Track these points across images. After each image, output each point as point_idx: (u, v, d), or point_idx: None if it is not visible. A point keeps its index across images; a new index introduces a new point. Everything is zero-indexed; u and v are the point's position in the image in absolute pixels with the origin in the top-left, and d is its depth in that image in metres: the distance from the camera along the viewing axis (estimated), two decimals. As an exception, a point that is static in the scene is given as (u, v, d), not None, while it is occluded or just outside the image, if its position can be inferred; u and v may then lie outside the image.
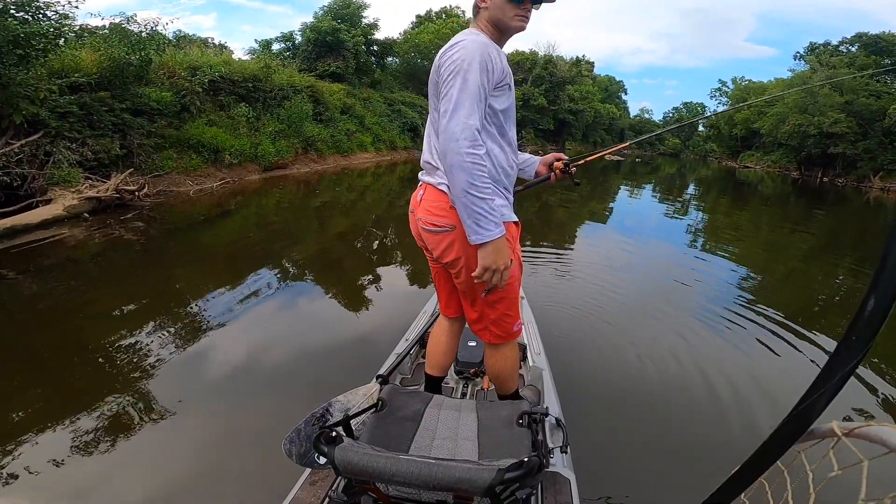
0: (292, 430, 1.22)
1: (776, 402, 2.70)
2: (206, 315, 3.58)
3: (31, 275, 4.48)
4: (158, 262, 5.20)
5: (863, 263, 6.91)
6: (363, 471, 0.95)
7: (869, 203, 18.33)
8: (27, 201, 6.32)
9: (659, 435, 2.37)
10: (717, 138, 46.71)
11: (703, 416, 2.57)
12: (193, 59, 11.77)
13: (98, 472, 1.97)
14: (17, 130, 6.57)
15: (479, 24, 1.39)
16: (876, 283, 0.60)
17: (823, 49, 31.99)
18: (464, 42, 1.26)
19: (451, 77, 1.22)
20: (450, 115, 1.20)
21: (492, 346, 1.59)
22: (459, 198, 1.22)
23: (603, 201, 12.71)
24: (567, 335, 3.40)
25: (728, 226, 10.08)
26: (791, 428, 0.69)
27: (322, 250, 6.04)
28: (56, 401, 2.48)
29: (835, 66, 27.08)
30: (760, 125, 31.14)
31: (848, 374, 0.62)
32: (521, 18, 1.37)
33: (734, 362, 3.23)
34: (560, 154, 1.77)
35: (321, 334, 3.39)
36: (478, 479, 0.89)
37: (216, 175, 10.44)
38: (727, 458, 1.93)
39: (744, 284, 5.23)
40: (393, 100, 23.79)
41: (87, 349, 3.08)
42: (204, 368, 2.84)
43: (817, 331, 3.83)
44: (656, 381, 2.89)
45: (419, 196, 1.48)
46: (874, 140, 23.89)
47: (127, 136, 8.41)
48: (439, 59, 1.29)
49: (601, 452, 2.13)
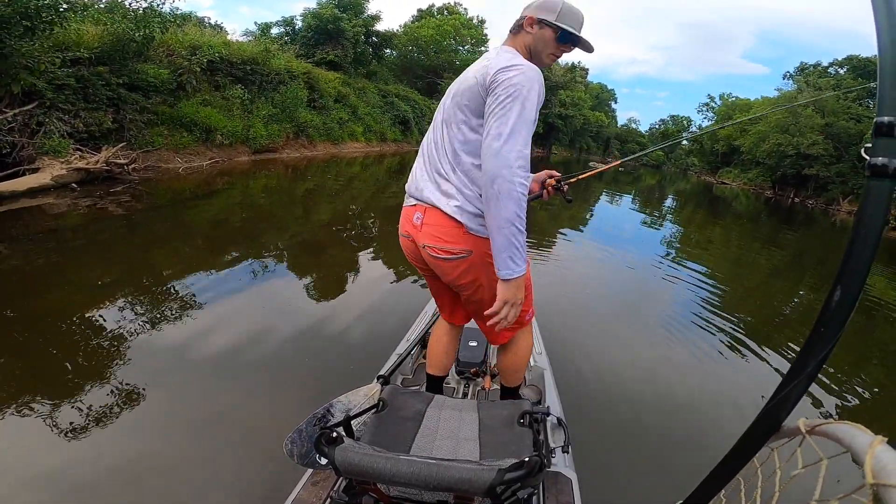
0: (293, 430, 1.23)
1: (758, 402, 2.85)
2: (196, 308, 3.44)
3: (10, 243, 4.44)
4: (145, 238, 5.17)
5: (825, 281, 7.39)
6: (364, 471, 0.94)
7: (835, 225, 19.16)
8: (14, 169, 6.34)
9: (661, 434, 2.39)
10: (699, 153, 47.76)
11: (703, 415, 2.60)
12: (194, 39, 11.78)
13: (91, 472, 1.89)
14: (13, 99, 6.62)
15: (517, 45, 1.38)
16: (842, 273, 0.61)
17: (813, 70, 32.42)
18: (523, 67, 1.23)
19: (510, 100, 1.19)
20: (505, 140, 1.16)
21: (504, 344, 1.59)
22: (502, 228, 1.16)
23: (584, 209, 13.12)
24: (568, 335, 3.42)
25: (704, 239, 10.56)
26: (764, 424, 0.69)
27: (321, 252, 5.98)
28: (38, 384, 2.35)
29: (821, 88, 27.61)
30: (741, 142, 32.02)
31: (818, 364, 0.63)
32: (555, 57, 1.41)
33: (730, 363, 3.39)
34: (552, 171, 1.76)
35: (321, 334, 3.33)
36: (478, 480, 0.88)
37: (206, 154, 10.54)
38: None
39: (723, 294, 5.59)
40: (387, 91, 23.92)
41: (61, 323, 2.99)
42: (204, 369, 2.75)
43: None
44: (658, 381, 2.92)
45: (417, 219, 1.40)
46: (847, 164, 24.71)
47: (120, 111, 8.48)
48: (493, 75, 1.23)
49: (603, 452, 2.12)
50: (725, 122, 37.13)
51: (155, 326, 3.08)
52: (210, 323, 3.22)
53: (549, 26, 1.35)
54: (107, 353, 2.72)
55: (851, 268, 0.60)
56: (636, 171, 45.81)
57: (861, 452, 0.50)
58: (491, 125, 1.20)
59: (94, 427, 2.12)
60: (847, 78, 28.95)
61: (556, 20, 1.34)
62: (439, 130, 1.40)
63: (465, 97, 1.31)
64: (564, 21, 1.34)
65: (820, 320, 0.62)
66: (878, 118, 0.59)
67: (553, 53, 1.39)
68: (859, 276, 0.60)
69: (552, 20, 1.34)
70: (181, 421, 2.28)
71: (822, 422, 0.60)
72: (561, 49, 1.39)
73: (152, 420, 2.25)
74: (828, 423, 0.59)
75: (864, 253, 0.60)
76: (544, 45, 1.37)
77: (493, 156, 1.17)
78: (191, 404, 2.42)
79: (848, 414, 2.85)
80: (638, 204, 16.65)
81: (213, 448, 2.12)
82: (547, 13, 1.34)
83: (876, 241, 0.59)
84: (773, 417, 0.68)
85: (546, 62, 1.40)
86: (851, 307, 0.60)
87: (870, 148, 0.59)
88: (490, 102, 1.23)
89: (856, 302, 0.60)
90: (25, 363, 2.57)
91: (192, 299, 3.52)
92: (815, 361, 0.63)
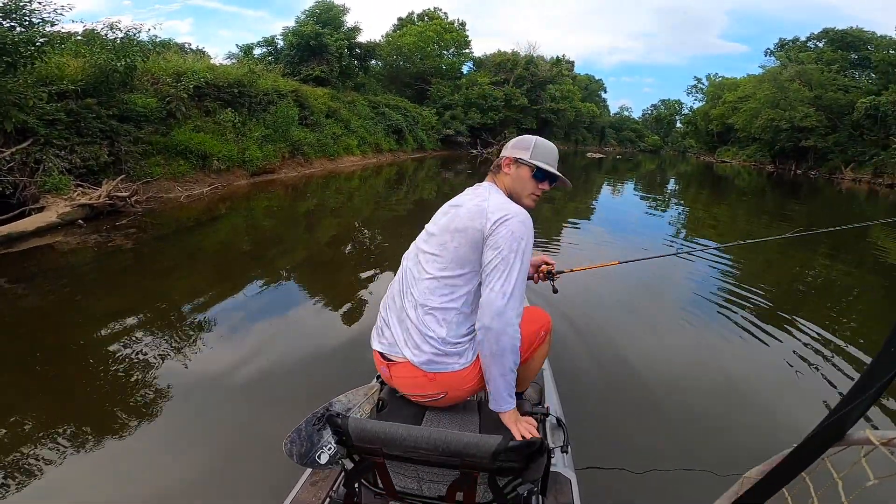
0: (293, 430, 1.23)
1: (770, 400, 2.74)
2: (204, 318, 3.57)
3: (28, 282, 4.48)
4: (156, 267, 5.24)
5: (837, 250, 7.26)
6: (375, 438, 0.95)
7: (841, 193, 19.05)
8: (20, 209, 6.29)
9: (661, 434, 2.38)
10: (694, 134, 47.85)
11: (703, 414, 2.58)
12: (177, 66, 11.71)
13: (94, 477, 1.95)
14: (7, 138, 6.54)
15: (499, 182, 1.45)
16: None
17: (792, 45, 32.91)
18: (521, 216, 1.30)
19: (513, 255, 1.25)
20: (508, 299, 1.23)
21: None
22: (504, 376, 1.25)
23: (586, 198, 13.00)
24: (568, 334, 3.40)
25: (709, 218, 10.43)
26: (824, 436, 0.68)
27: (319, 253, 6.12)
28: (52, 408, 2.44)
29: (803, 62, 28.00)
30: (735, 120, 32.02)
31: (885, 384, 0.62)
32: (534, 199, 1.44)
33: (732, 357, 3.29)
34: (547, 258, 1.84)
35: (321, 335, 3.36)
36: (484, 445, 0.91)
37: (205, 180, 10.42)
38: (727, 457, 2.12)
39: (727, 276, 5.47)
40: (377, 102, 23.88)
41: (82, 354, 3.06)
42: (202, 369, 2.82)
43: (804, 318, 4.00)
44: (658, 381, 2.89)
45: (384, 371, 1.43)
46: (844, 133, 24.78)
47: (114, 143, 8.37)
48: (494, 226, 1.27)
49: (602, 452, 2.13)
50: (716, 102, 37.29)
51: (157, 343, 3.14)
52: (211, 331, 3.35)
53: (526, 164, 1.41)
54: (116, 371, 2.81)
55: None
56: (634, 157, 45.78)
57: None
58: (494, 281, 1.24)
59: (94, 427, 2.23)
60: (827, 50, 29.39)
61: (530, 158, 1.40)
62: (412, 269, 1.42)
63: (457, 240, 1.32)
64: (538, 158, 1.40)
65: (892, 339, 0.60)
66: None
67: (533, 193, 1.43)
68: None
69: (527, 158, 1.40)
70: (180, 422, 2.33)
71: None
72: (539, 187, 1.43)
73: (152, 421, 2.30)
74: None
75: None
76: (522, 184, 1.42)
77: (498, 315, 1.22)
78: (189, 405, 2.47)
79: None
80: (641, 190, 16.50)
81: (213, 448, 2.16)
82: (521, 151, 1.42)
83: None
84: (838, 426, 0.67)
85: (526, 204, 1.42)
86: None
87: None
88: (491, 256, 1.26)
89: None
90: (44, 389, 2.66)
91: (199, 318, 3.61)
92: (881, 381, 0.61)
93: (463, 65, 37.39)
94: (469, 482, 1.00)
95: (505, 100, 34.02)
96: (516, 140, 1.47)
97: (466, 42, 36.09)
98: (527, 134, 1.48)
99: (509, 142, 1.49)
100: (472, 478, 0.98)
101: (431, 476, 1.06)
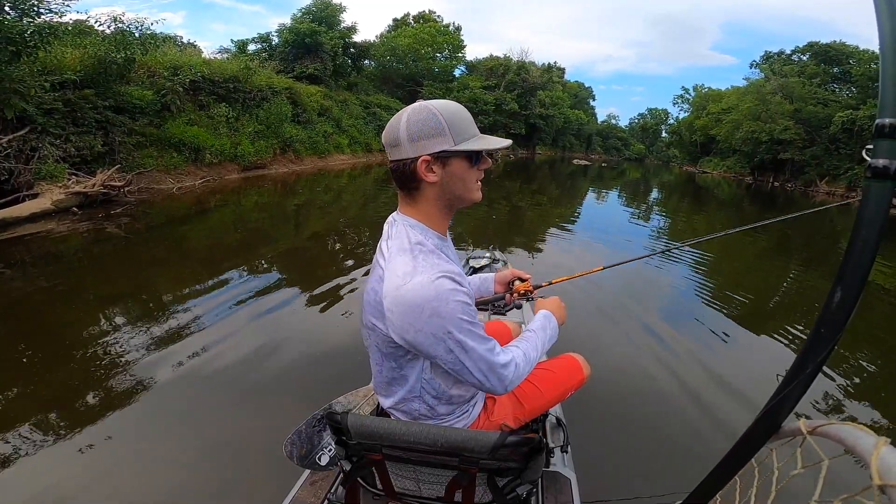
0: (293, 431, 1.23)
1: (758, 398, 2.75)
2: (204, 317, 3.54)
3: (20, 267, 4.56)
4: (151, 257, 5.29)
5: (810, 263, 7.64)
6: (374, 433, 0.94)
7: (815, 205, 19.71)
8: (13, 195, 6.40)
9: (660, 434, 2.39)
10: (678, 144, 48.71)
11: (703, 413, 2.60)
12: (174, 59, 11.79)
13: (87, 476, 1.93)
14: (6, 126, 6.64)
15: (417, 209, 1.02)
16: (842, 274, 0.60)
17: (777, 58, 33.27)
18: (422, 291, 0.89)
19: (451, 342, 0.93)
20: (489, 375, 0.99)
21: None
22: (539, 357, 1.13)
23: (571, 205, 13.35)
24: (568, 334, 3.45)
25: (689, 227, 10.84)
26: (764, 425, 0.68)
27: (319, 253, 6.16)
28: (47, 399, 2.41)
29: (786, 75, 28.48)
30: (717, 132, 32.78)
31: (818, 366, 0.62)
32: (479, 186, 1.05)
33: (727, 359, 3.40)
34: (519, 272, 1.49)
35: (321, 336, 3.35)
36: (483, 439, 0.91)
37: (196, 173, 10.55)
38: (726, 454, 2.27)
39: (710, 284, 5.76)
40: (369, 102, 24.06)
41: (76, 349, 3.03)
42: (201, 370, 2.79)
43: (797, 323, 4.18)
44: (657, 381, 2.91)
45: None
46: (821, 147, 25.44)
47: (109, 134, 8.51)
48: (397, 328, 0.93)
49: (602, 452, 2.11)
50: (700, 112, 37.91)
51: (156, 337, 3.15)
52: (207, 334, 3.27)
53: (454, 156, 0.96)
54: (109, 366, 2.80)
55: (852, 269, 0.59)
56: (619, 165, 46.43)
57: (866, 454, 0.50)
58: (466, 377, 0.97)
59: (94, 428, 2.19)
60: (810, 64, 29.73)
61: (456, 144, 0.94)
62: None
63: (373, 337, 1.02)
64: (462, 133, 0.96)
65: (820, 321, 0.61)
66: (879, 120, 0.58)
67: (477, 181, 1.03)
68: (860, 278, 0.59)
69: (452, 146, 0.94)
70: (179, 423, 2.31)
71: (823, 423, 0.59)
72: (481, 169, 1.02)
73: (152, 423, 2.29)
74: (830, 423, 0.58)
75: (865, 254, 0.59)
76: (462, 183, 0.99)
77: (497, 390, 1.01)
78: (189, 405, 2.46)
79: (846, 414, 2.81)
80: (625, 199, 16.94)
81: (212, 449, 2.14)
82: (437, 140, 0.94)
83: (876, 242, 0.59)
84: (773, 418, 0.68)
85: (475, 198, 1.03)
86: (851, 308, 0.59)
87: (871, 150, 0.59)
88: (433, 359, 0.95)
89: (856, 303, 0.59)
90: (32, 377, 2.67)
91: (192, 314, 3.58)
92: (814, 363, 0.62)
93: (455, 68, 37.75)
94: (467, 480, 0.98)
95: (495, 104, 34.43)
96: (407, 126, 0.94)
97: (461, 46, 36.43)
98: (437, 115, 0.94)
99: (397, 132, 0.96)
100: (471, 476, 0.97)
101: (430, 477, 1.04)
